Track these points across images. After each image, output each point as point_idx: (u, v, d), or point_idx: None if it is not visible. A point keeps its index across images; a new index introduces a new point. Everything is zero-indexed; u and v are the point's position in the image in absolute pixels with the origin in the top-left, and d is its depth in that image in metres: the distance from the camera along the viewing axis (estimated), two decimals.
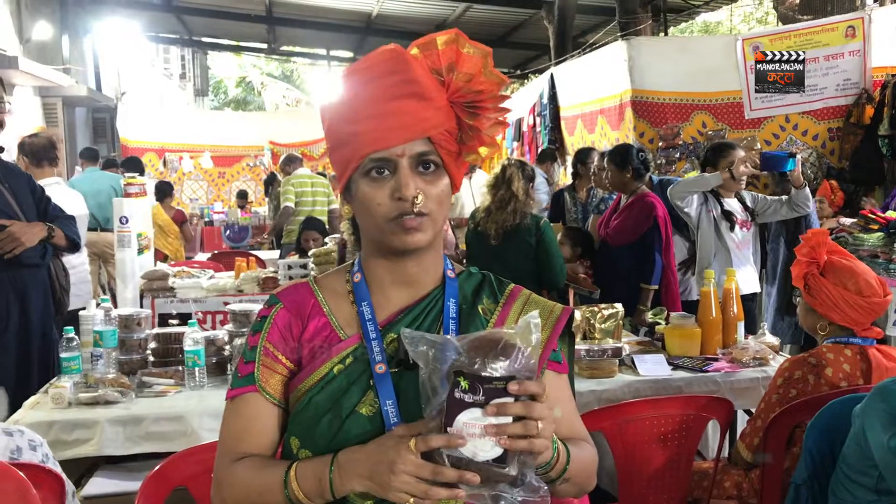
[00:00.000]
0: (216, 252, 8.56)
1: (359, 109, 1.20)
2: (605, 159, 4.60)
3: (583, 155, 5.98)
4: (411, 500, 1.08)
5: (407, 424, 1.15)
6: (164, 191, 9.10)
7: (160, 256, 8.68)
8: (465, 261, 4.57)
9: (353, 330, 1.29)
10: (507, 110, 1.24)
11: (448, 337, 1.10)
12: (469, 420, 1.04)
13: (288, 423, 1.29)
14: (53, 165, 5.19)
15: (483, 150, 1.26)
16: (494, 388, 1.04)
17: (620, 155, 4.48)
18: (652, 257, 4.32)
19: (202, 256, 8.41)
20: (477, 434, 1.03)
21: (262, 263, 6.16)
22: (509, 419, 1.04)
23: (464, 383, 1.04)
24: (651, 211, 4.32)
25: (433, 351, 1.08)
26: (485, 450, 1.04)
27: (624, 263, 4.41)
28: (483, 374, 1.04)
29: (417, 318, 1.28)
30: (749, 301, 3.95)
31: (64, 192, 4.59)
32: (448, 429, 1.04)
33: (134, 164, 8.46)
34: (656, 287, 4.32)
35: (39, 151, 5.08)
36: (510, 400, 1.04)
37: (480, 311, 1.32)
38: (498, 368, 1.04)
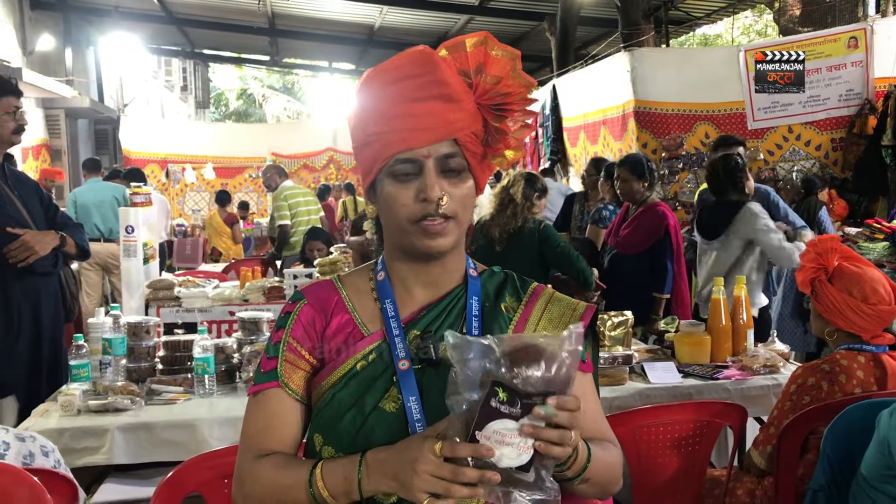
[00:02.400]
0: (233, 260, 8.70)
1: (386, 109, 1.20)
2: (620, 169, 4.53)
3: (600, 165, 5.92)
4: (426, 499, 1.07)
5: (434, 426, 1.14)
6: (222, 198, 10.76)
7: (216, 253, 10.12)
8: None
9: (376, 327, 1.29)
10: (534, 113, 1.25)
11: (491, 344, 1.07)
12: (500, 428, 1.03)
13: (311, 420, 1.29)
14: None
15: (509, 154, 1.26)
16: (533, 404, 1.04)
17: (639, 164, 4.49)
18: (663, 265, 4.34)
19: (205, 267, 8.41)
20: (506, 443, 1.03)
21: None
22: (542, 424, 1.04)
23: (502, 395, 1.04)
24: (663, 220, 4.35)
25: (472, 357, 1.07)
26: (510, 457, 1.04)
27: (635, 272, 4.41)
28: (523, 389, 1.04)
29: (440, 316, 1.28)
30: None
31: None
32: (476, 433, 1.04)
33: (136, 175, 8.49)
34: (668, 296, 4.34)
35: None
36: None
37: (503, 308, 1.32)
38: (539, 383, 1.04)
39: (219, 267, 8.11)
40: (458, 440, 1.06)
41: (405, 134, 1.18)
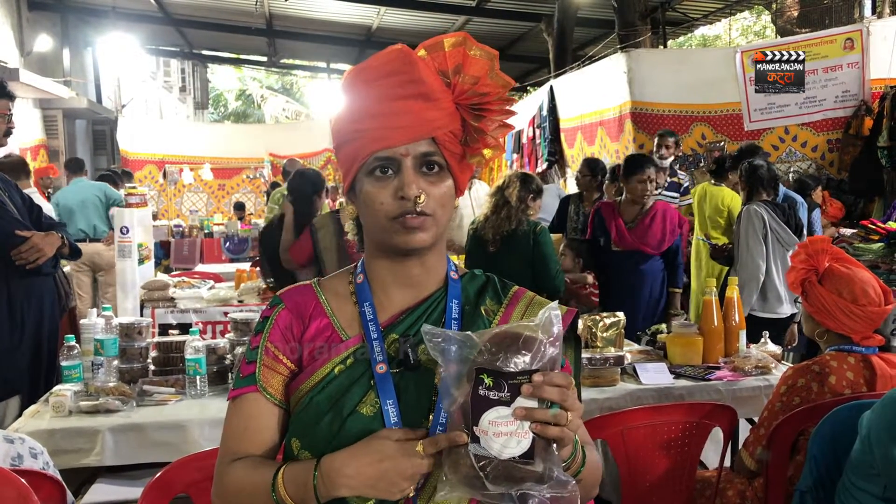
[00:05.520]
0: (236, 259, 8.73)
1: (364, 108, 1.21)
2: (651, 170, 4.45)
3: (593, 166, 5.90)
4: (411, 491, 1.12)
5: (404, 429, 1.17)
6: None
7: None
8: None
9: (354, 331, 1.29)
10: (512, 113, 1.24)
11: (469, 333, 1.08)
12: (495, 418, 1.03)
13: (289, 425, 1.29)
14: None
15: (487, 152, 1.26)
16: (519, 384, 1.03)
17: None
18: (679, 261, 4.47)
19: (202, 268, 8.40)
20: (503, 432, 1.02)
21: None
22: (536, 405, 1.03)
23: (488, 380, 1.03)
24: (682, 216, 4.57)
25: (454, 347, 1.07)
26: (510, 446, 1.02)
27: (650, 270, 4.48)
28: (506, 370, 1.03)
29: (420, 319, 1.27)
30: None
31: None
32: (474, 428, 1.04)
33: (126, 176, 8.55)
34: (681, 290, 4.43)
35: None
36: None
37: (483, 312, 1.31)
38: (521, 363, 1.03)
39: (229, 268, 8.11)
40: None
41: (383, 132, 1.18)
